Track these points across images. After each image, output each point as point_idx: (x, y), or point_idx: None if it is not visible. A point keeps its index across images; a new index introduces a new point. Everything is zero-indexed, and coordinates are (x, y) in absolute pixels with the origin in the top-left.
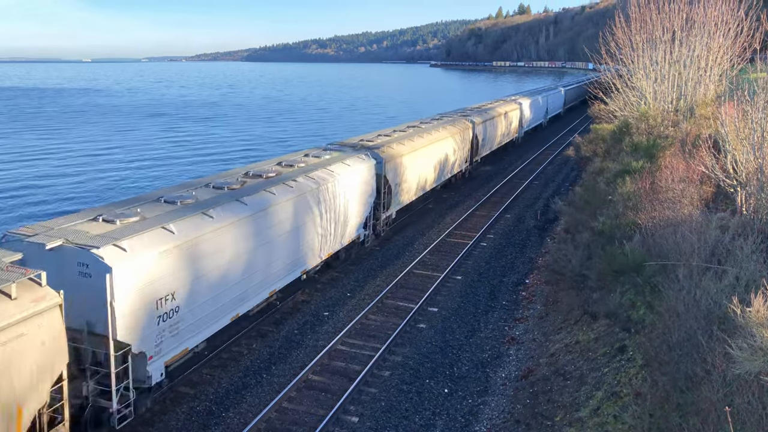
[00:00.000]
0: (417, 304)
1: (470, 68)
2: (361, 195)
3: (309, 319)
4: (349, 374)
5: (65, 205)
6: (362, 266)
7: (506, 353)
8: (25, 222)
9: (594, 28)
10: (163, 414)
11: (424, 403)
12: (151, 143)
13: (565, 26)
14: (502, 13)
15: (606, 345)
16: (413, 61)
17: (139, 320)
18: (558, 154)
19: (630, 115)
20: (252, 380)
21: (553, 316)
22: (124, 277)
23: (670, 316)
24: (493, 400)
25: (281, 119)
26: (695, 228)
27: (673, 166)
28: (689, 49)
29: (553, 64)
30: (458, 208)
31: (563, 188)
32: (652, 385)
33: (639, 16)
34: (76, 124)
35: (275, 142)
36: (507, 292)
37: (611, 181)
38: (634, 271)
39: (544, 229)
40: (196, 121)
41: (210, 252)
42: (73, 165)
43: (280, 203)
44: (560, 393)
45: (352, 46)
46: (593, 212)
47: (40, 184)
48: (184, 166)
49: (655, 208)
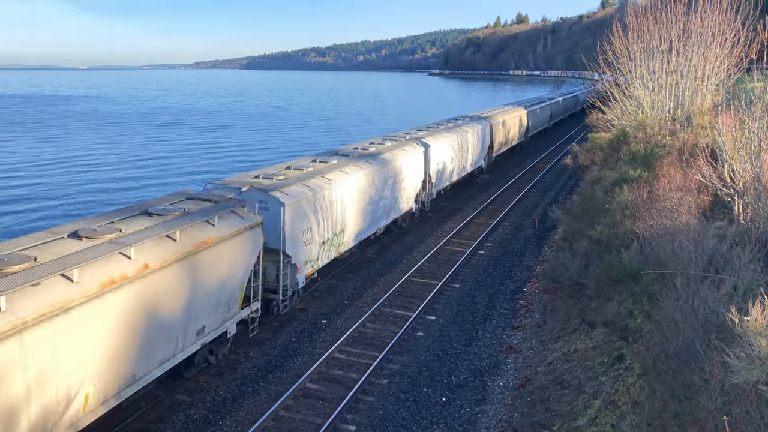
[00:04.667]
0: (415, 313)
1: (469, 77)
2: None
3: (306, 327)
4: (347, 382)
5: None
6: (360, 274)
7: (504, 362)
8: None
9: (591, 38)
10: (160, 422)
11: (422, 412)
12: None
13: (562, 35)
14: (500, 22)
15: (604, 354)
16: (411, 69)
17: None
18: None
19: (627, 123)
20: (249, 388)
21: (550, 325)
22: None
23: (667, 325)
24: (490, 409)
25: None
26: (693, 237)
27: (671, 175)
28: (686, 59)
29: (565, 73)
30: (456, 216)
31: (561, 196)
32: (650, 394)
33: (636, 25)
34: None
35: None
36: (505, 301)
37: (609, 189)
38: (632, 280)
39: (542, 237)
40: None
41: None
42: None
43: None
44: (558, 402)
45: (351, 55)
46: (591, 221)
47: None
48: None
49: (652, 216)
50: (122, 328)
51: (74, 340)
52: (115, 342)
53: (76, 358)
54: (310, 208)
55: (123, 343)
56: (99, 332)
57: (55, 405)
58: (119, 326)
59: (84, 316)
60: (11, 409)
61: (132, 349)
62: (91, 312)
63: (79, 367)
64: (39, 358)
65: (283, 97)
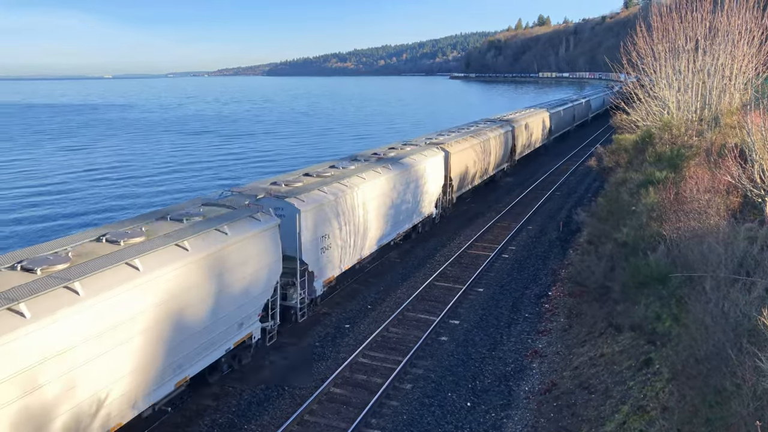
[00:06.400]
0: (438, 317)
1: (491, 80)
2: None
3: (330, 331)
4: (371, 387)
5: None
6: (383, 278)
7: (529, 366)
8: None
9: (615, 39)
10: (186, 426)
11: (447, 417)
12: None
13: (585, 37)
14: (521, 25)
15: (631, 358)
16: (432, 73)
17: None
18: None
19: (653, 124)
20: (273, 393)
21: (576, 329)
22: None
23: (697, 329)
24: (516, 413)
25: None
26: (722, 239)
27: (698, 176)
28: (713, 58)
29: (593, 75)
30: (479, 220)
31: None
32: (679, 399)
33: (661, 25)
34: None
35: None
36: (530, 305)
37: (634, 191)
38: (659, 283)
39: (567, 240)
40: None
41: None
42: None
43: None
44: (585, 407)
45: (372, 60)
46: (616, 223)
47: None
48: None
49: (679, 218)
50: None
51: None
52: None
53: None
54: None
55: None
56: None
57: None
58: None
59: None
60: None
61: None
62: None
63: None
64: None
65: (308, 103)
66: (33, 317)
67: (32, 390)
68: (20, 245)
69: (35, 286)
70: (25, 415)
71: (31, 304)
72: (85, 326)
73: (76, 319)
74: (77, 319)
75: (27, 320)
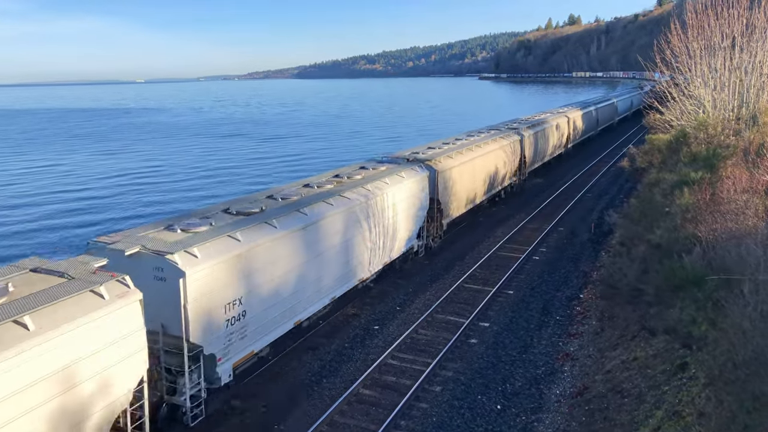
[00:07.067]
0: (468, 319)
1: (522, 80)
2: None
3: (359, 332)
4: (400, 389)
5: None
6: (412, 280)
7: (560, 369)
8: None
9: (648, 37)
10: (217, 426)
11: (477, 420)
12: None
13: (616, 36)
14: (551, 24)
15: (666, 362)
16: (461, 74)
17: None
18: None
19: (687, 124)
20: (303, 393)
21: (608, 332)
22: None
23: (735, 333)
24: (547, 417)
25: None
26: (761, 241)
27: (736, 177)
28: (751, 55)
29: (626, 74)
30: (508, 222)
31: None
32: (716, 405)
33: (696, 22)
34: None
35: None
36: (560, 307)
37: (668, 192)
38: (695, 286)
39: (599, 242)
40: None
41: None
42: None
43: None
44: (617, 411)
45: (400, 61)
46: (649, 225)
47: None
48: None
49: (716, 220)
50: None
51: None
52: None
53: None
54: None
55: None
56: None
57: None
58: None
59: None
60: None
61: None
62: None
63: None
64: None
65: (341, 105)
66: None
67: None
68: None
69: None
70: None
71: None
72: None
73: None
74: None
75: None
